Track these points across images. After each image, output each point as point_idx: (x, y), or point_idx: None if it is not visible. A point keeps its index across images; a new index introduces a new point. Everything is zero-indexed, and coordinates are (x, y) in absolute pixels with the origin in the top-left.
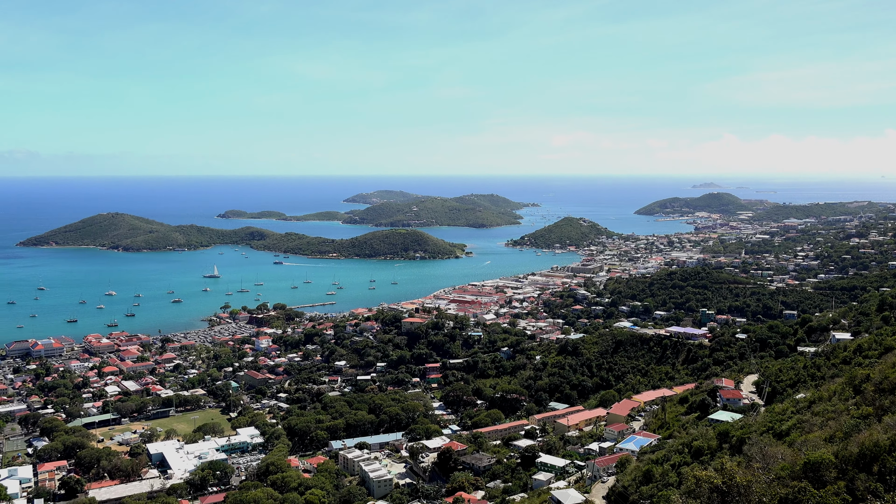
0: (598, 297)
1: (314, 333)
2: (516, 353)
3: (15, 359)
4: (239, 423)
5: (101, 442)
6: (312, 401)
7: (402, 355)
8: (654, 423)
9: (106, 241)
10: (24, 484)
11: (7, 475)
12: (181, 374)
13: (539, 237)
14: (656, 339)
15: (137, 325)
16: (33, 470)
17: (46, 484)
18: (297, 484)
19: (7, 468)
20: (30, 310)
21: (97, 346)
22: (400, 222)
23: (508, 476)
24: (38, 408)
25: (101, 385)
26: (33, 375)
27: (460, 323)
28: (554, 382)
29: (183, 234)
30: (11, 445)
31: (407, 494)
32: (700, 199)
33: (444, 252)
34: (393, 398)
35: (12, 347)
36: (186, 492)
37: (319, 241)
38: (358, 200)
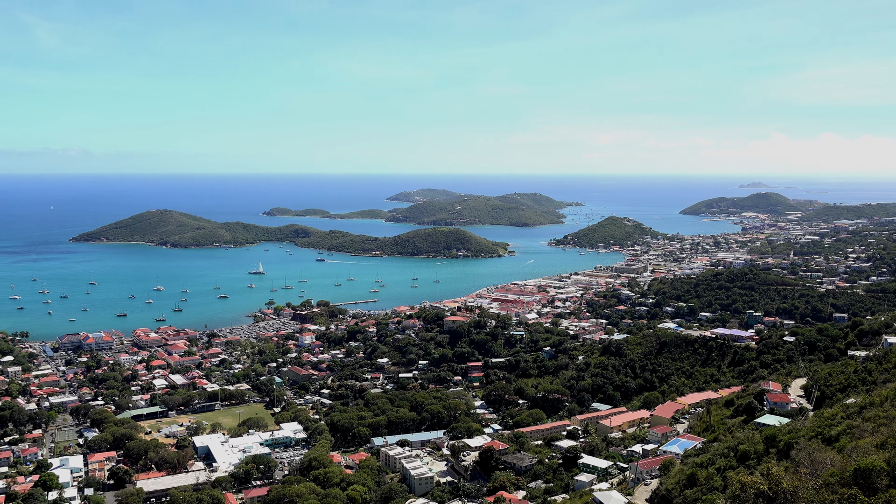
0: (643, 297)
1: (357, 331)
2: (559, 353)
3: (67, 351)
4: (282, 419)
5: (148, 434)
6: (355, 397)
7: (443, 353)
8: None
9: (155, 238)
10: (75, 473)
11: (59, 464)
12: (226, 369)
13: (582, 236)
14: (701, 341)
15: (185, 320)
16: (84, 460)
17: (96, 474)
18: (339, 479)
19: (59, 458)
20: (81, 304)
21: (146, 340)
22: (443, 221)
23: (550, 476)
24: (88, 399)
25: (149, 378)
26: (84, 368)
27: (502, 322)
28: (597, 383)
29: (229, 231)
30: (63, 436)
31: (448, 493)
32: (747, 199)
33: (486, 251)
34: (434, 396)
35: (65, 340)
36: (231, 485)
37: (363, 239)
38: (401, 199)
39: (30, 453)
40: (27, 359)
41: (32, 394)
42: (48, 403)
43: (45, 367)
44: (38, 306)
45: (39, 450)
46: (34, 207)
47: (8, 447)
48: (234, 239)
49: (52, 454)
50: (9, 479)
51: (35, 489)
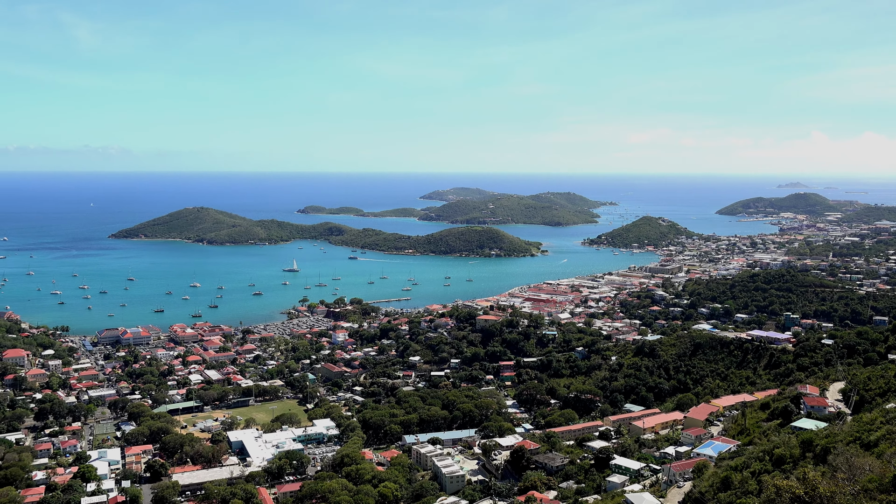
0: (677, 298)
1: (389, 328)
2: (591, 354)
3: (106, 346)
4: (315, 415)
5: (184, 428)
6: (387, 395)
7: (475, 352)
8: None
9: (191, 235)
10: (113, 466)
11: (97, 457)
12: (260, 365)
13: (616, 236)
14: (737, 343)
15: (220, 317)
16: (121, 452)
17: (133, 466)
18: (370, 476)
19: (97, 450)
20: (120, 299)
21: (182, 336)
22: (476, 219)
23: (581, 477)
24: (126, 393)
25: (185, 373)
26: (122, 362)
27: (535, 321)
28: (630, 384)
29: (264, 229)
30: (101, 429)
31: (479, 491)
32: (785, 200)
33: (519, 250)
34: (466, 395)
35: (103, 335)
36: (264, 479)
37: (396, 238)
38: (434, 197)
39: (69, 445)
40: (67, 353)
41: (72, 387)
42: (87, 397)
43: (84, 361)
44: (78, 301)
45: (79, 442)
46: (75, 204)
47: (48, 439)
48: (268, 236)
49: (91, 446)
50: (49, 471)
51: (74, 480)
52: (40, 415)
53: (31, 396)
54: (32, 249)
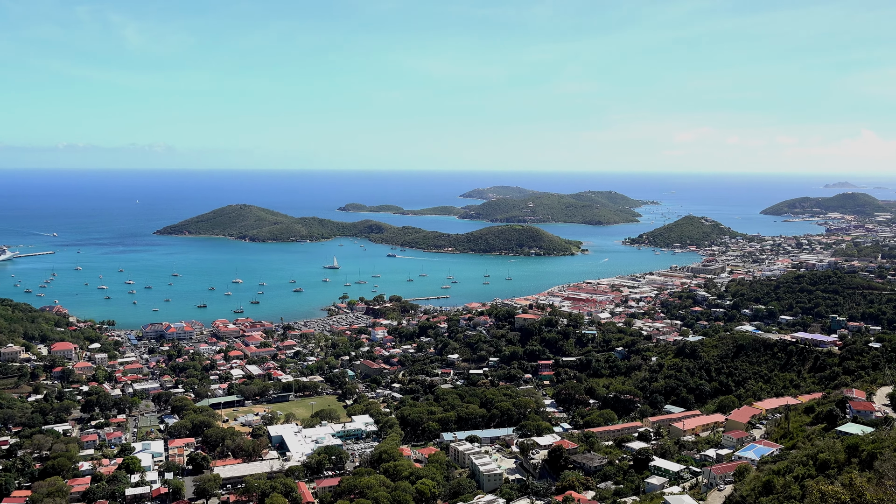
0: (719, 298)
1: (428, 326)
2: (631, 354)
3: (150, 340)
4: (354, 411)
5: (225, 422)
6: (425, 392)
7: (514, 351)
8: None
9: (234, 232)
10: (156, 458)
11: (141, 449)
12: (301, 361)
13: (658, 236)
14: (781, 345)
15: (261, 312)
16: (164, 445)
17: (176, 459)
18: (408, 473)
19: (141, 442)
20: (164, 294)
21: (224, 331)
22: (515, 218)
23: (620, 478)
24: (169, 387)
25: (226, 368)
26: (166, 356)
27: (574, 321)
28: (670, 385)
29: (305, 226)
30: (145, 421)
31: (516, 490)
32: (833, 200)
33: (559, 249)
34: (504, 393)
35: (148, 329)
36: (303, 474)
37: (435, 236)
38: (474, 196)
39: (114, 437)
40: (113, 346)
41: (118, 380)
42: (132, 390)
43: (129, 355)
44: (124, 296)
45: (123, 434)
46: (121, 201)
47: (94, 430)
48: (309, 234)
49: (135, 438)
50: (95, 461)
51: (119, 471)
52: (87, 407)
53: (78, 389)
54: (80, 245)
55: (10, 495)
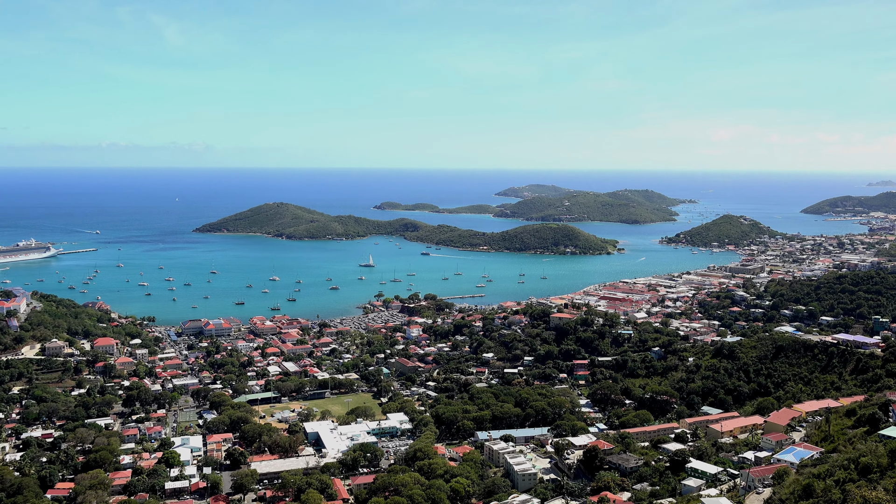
0: (758, 299)
1: (463, 325)
2: (668, 354)
3: (189, 336)
4: (389, 409)
5: (262, 418)
6: (460, 391)
7: (549, 350)
8: (817, 434)
9: (271, 229)
10: (195, 452)
11: (180, 443)
12: (336, 358)
13: (695, 235)
14: (821, 347)
15: (298, 310)
16: (203, 440)
17: (214, 454)
18: (443, 471)
19: (180, 437)
20: (203, 291)
21: (261, 328)
22: (551, 217)
23: (656, 479)
24: (208, 383)
25: (263, 365)
26: (205, 352)
27: (610, 320)
28: (707, 386)
29: (341, 224)
30: (184, 416)
31: (551, 490)
32: (876, 199)
33: (595, 248)
34: (539, 393)
35: (187, 326)
36: (339, 471)
37: (470, 234)
38: (509, 194)
39: (154, 431)
40: (153, 342)
41: (158, 375)
42: (171, 385)
43: (169, 351)
44: (163, 293)
45: (163, 429)
46: (162, 199)
47: (135, 425)
48: (345, 232)
49: (175, 433)
50: (135, 455)
51: (159, 465)
52: (128, 401)
53: (120, 383)
54: (122, 242)
55: (55, 487)
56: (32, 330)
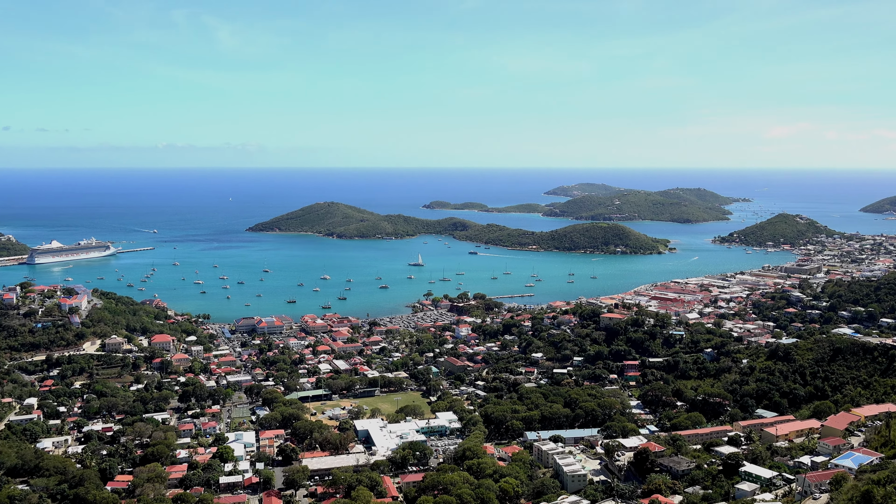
0: (815, 300)
1: (512, 324)
2: (721, 356)
3: (243, 334)
4: (438, 408)
5: (313, 415)
6: (509, 390)
7: (599, 350)
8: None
9: (322, 229)
10: (248, 448)
11: (234, 439)
12: (386, 357)
13: (749, 234)
14: (882, 349)
15: (348, 308)
16: (256, 436)
17: (266, 450)
18: (492, 471)
19: (234, 432)
20: (256, 290)
21: (312, 326)
22: (601, 216)
23: (709, 483)
24: (261, 380)
25: (315, 362)
26: (257, 350)
27: (661, 321)
28: (762, 388)
29: (391, 224)
30: (238, 412)
31: (601, 492)
32: None
33: (646, 247)
34: (589, 393)
35: (241, 323)
36: (388, 468)
37: (519, 233)
38: (559, 193)
39: (209, 427)
40: (208, 339)
41: (212, 372)
42: (225, 381)
43: (223, 348)
44: (218, 291)
45: (217, 424)
46: (216, 199)
47: (190, 420)
48: (395, 231)
49: (229, 429)
50: (191, 450)
51: (213, 460)
52: (184, 397)
53: (176, 379)
54: (178, 241)
55: (114, 479)
56: (93, 326)
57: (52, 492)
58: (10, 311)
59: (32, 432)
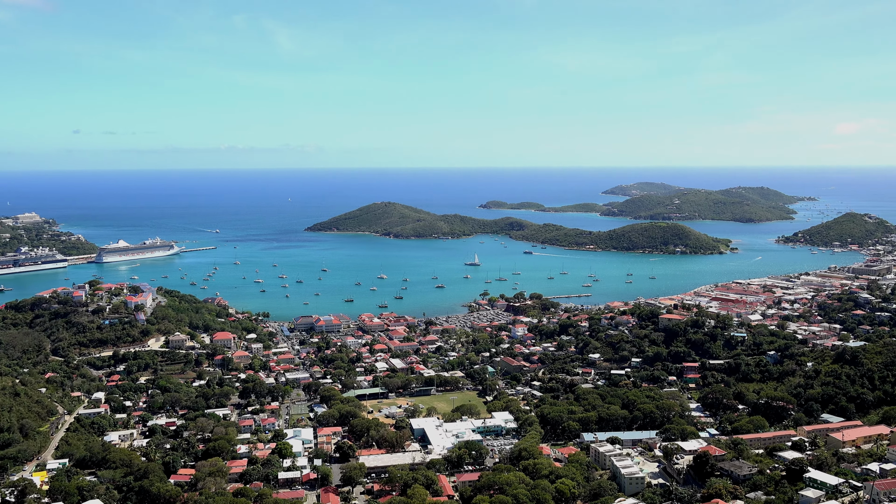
0: (885, 301)
1: (569, 324)
2: (784, 358)
3: (301, 332)
4: (494, 407)
5: (370, 413)
6: (565, 391)
7: (658, 352)
8: None
9: (379, 228)
10: (306, 444)
11: (292, 435)
12: (442, 356)
13: (815, 234)
14: None
15: (404, 308)
16: (314, 433)
17: (324, 446)
18: (548, 472)
19: (292, 429)
20: (314, 288)
21: (369, 325)
22: (660, 215)
23: (771, 489)
24: (318, 377)
25: (371, 361)
26: (315, 348)
27: (722, 322)
28: (828, 392)
29: (447, 223)
30: (296, 409)
31: (659, 495)
32: None
33: (706, 247)
34: (647, 395)
35: (299, 322)
36: (444, 467)
37: (576, 233)
38: (617, 192)
39: (268, 423)
40: (267, 337)
41: (271, 369)
42: (284, 379)
43: (282, 346)
44: (277, 289)
45: (276, 420)
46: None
47: (250, 416)
48: (451, 231)
49: (287, 425)
50: (251, 445)
51: (272, 456)
52: (244, 393)
53: (237, 376)
54: (239, 241)
55: (177, 472)
56: (157, 324)
57: (118, 484)
58: (79, 309)
59: (100, 426)
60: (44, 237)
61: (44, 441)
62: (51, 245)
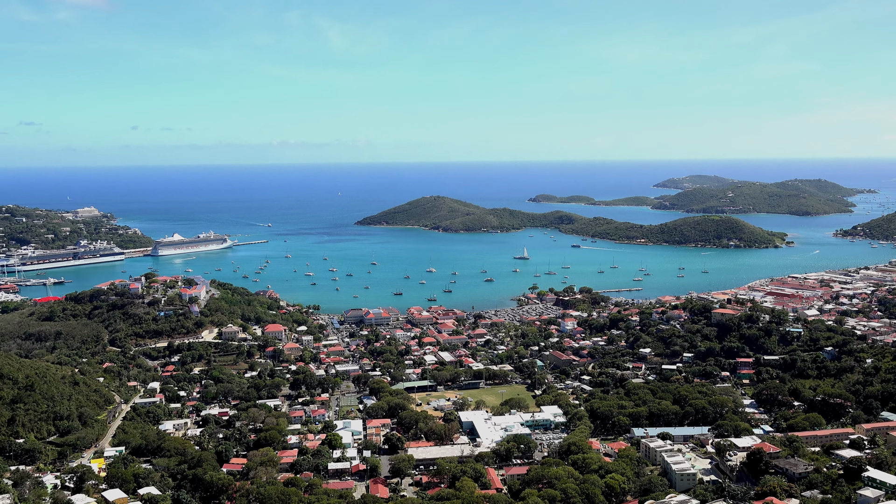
0: None
1: (619, 319)
2: (842, 354)
3: (351, 324)
4: (543, 401)
5: (419, 406)
6: (615, 386)
7: (710, 347)
8: None
9: (428, 222)
10: (356, 436)
11: (342, 426)
12: (491, 350)
13: (875, 227)
14: None
15: (453, 301)
16: (363, 424)
17: (373, 438)
18: (597, 466)
19: (342, 420)
20: (364, 282)
21: (418, 318)
22: (713, 208)
23: (828, 487)
24: (368, 370)
25: (420, 354)
26: (365, 340)
27: (777, 317)
28: (888, 390)
29: (496, 217)
30: (346, 401)
31: (711, 492)
32: None
33: (761, 241)
34: (699, 391)
35: (349, 314)
36: (492, 460)
37: (627, 227)
38: (668, 185)
39: (318, 414)
40: (318, 329)
41: (322, 361)
42: (334, 371)
43: (332, 338)
44: (327, 283)
45: (326, 412)
46: (326, 194)
47: (301, 407)
48: (500, 224)
49: (337, 417)
50: (301, 436)
51: (322, 447)
52: (294, 385)
53: (287, 368)
54: (290, 235)
55: (230, 461)
56: (211, 315)
57: (172, 471)
58: (135, 300)
59: (155, 415)
60: (102, 231)
61: (102, 429)
62: (108, 238)
